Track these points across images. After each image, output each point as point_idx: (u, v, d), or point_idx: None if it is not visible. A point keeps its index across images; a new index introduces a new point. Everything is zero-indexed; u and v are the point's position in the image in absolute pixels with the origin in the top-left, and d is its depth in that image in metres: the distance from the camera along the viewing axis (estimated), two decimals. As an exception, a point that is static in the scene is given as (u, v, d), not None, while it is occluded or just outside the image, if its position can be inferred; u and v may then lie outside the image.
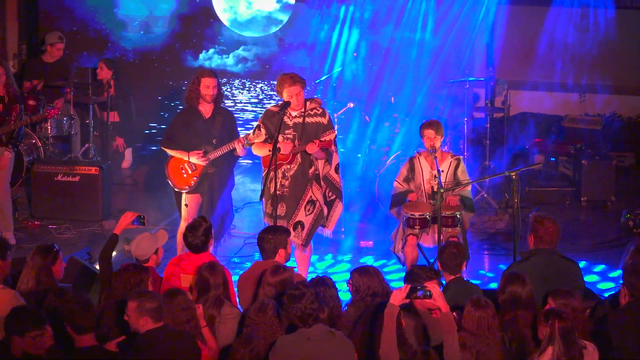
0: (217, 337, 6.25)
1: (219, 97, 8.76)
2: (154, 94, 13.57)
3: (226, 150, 8.61)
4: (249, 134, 8.49)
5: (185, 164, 8.67)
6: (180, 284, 6.89)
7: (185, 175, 8.70)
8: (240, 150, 8.62)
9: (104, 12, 13.20)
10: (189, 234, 7.04)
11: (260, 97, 13.68)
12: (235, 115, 9.41)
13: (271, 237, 6.98)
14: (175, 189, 8.79)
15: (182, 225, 8.69)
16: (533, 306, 6.20)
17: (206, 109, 8.70)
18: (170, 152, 8.75)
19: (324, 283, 6.22)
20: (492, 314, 5.85)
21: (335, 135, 8.37)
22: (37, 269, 6.63)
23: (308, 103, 8.32)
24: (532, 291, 6.21)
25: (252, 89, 13.68)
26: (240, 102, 13.67)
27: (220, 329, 6.28)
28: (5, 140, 9.39)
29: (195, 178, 8.67)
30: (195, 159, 8.59)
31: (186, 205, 8.75)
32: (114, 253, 7.18)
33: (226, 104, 11.85)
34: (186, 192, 8.73)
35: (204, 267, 6.52)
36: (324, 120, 8.30)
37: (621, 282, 8.04)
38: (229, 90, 13.48)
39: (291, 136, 8.26)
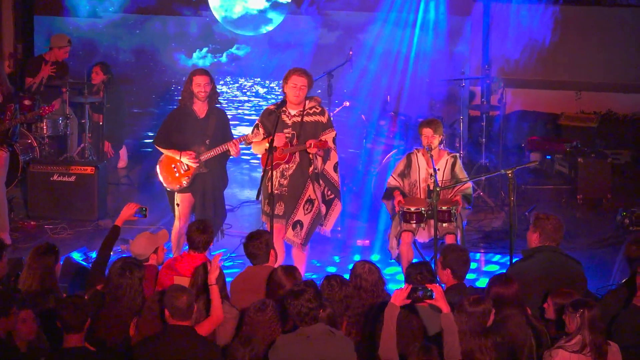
0: (215, 337, 6.19)
1: (212, 96, 8.65)
2: (149, 94, 13.54)
3: (219, 152, 8.52)
4: (248, 134, 8.45)
5: (177, 163, 8.57)
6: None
7: (177, 175, 8.61)
8: (234, 152, 8.54)
9: (99, 11, 13.17)
10: (195, 233, 7.00)
11: (256, 91, 13.68)
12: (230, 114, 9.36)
13: (259, 242, 6.86)
14: (167, 188, 8.73)
15: (176, 224, 8.66)
16: (521, 305, 6.09)
17: (200, 109, 8.61)
18: (163, 150, 8.68)
19: (342, 283, 6.18)
20: (480, 313, 5.72)
21: (335, 135, 8.32)
22: (42, 269, 6.59)
23: (307, 102, 8.27)
24: (518, 291, 6.06)
25: (249, 89, 13.68)
26: (234, 102, 13.68)
27: (219, 329, 6.21)
28: (0, 139, 9.37)
29: (187, 178, 8.57)
30: (186, 159, 8.53)
31: (178, 204, 8.68)
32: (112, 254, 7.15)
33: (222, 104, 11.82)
34: (177, 191, 8.66)
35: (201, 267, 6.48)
36: (323, 119, 8.26)
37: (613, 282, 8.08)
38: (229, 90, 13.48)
39: (290, 135, 8.20)
